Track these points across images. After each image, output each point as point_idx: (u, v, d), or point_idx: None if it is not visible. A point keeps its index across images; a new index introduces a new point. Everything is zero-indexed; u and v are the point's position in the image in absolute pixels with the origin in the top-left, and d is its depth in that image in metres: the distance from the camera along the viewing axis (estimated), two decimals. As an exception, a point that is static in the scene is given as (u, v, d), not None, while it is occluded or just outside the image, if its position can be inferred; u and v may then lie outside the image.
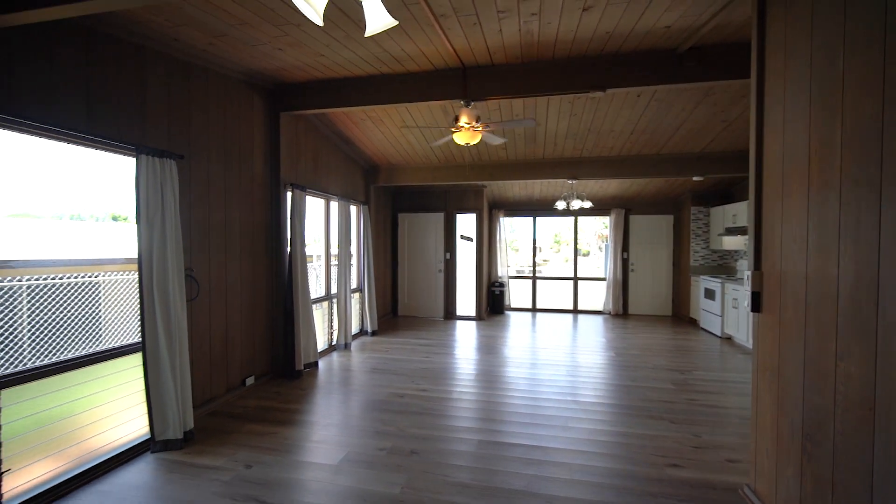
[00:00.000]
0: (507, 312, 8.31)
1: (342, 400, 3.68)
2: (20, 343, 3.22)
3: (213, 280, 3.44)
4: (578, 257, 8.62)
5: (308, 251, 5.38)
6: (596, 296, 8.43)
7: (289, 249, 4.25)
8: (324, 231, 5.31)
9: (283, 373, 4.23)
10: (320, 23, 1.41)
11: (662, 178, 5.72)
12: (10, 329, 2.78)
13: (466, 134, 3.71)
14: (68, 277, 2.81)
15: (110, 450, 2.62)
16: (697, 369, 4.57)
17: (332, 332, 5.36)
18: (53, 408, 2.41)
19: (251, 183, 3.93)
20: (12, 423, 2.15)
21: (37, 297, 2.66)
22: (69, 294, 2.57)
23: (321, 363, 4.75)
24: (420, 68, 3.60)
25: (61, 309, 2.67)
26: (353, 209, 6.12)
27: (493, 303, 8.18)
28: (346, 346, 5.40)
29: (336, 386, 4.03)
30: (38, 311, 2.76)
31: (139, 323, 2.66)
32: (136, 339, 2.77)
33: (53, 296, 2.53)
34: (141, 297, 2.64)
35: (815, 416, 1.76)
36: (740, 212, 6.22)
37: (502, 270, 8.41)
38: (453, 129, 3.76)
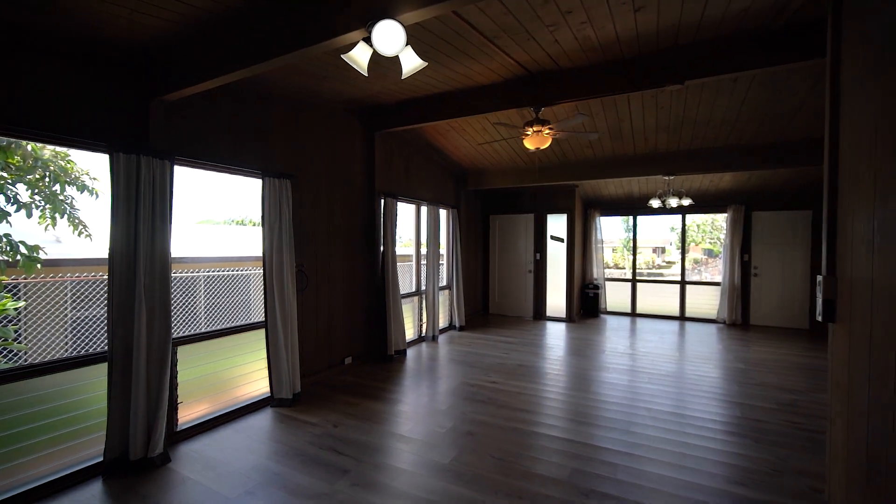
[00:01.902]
0: (602, 316, 7.96)
1: (419, 383, 4.14)
2: (197, 315, 4.35)
3: (319, 274, 4.19)
4: (703, 259, 7.81)
5: (401, 251, 6.02)
6: (707, 302, 7.55)
7: (382, 249, 4.88)
8: (414, 233, 5.89)
9: (376, 357, 4.88)
10: (365, 74, 1.81)
11: (788, 167, 4.96)
12: (192, 305, 3.84)
13: (534, 139, 3.85)
14: (229, 271, 3.79)
15: (246, 399, 3.47)
16: (814, 391, 3.92)
17: (421, 325, 5.92)
18: (212, 363, 3.32)
19: (351, 193, 4.64)
20: (185, 371, 3.05)
21: (210, 284, 3.67)
22: (229, 282, 3.49)
23: (409, 351, 5.31)
24: (490, 80, 3.85)
25: (225, 293, 3.65)
26: (443, 212, 6.61)
27: (586, 305, 7.93)
28: (434, 338, 5.89)
29: (417, 372, 4.51)
30: (211, 294, 3.79)
31: (263, 306, 3.46)
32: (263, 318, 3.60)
33: (221, 284, 3.48)
34: (265, 287, 3.44)
35: (878, 443, 1.57)
36: None
37: (597, 272, 8.09)
38: (524, 135, 3.93)
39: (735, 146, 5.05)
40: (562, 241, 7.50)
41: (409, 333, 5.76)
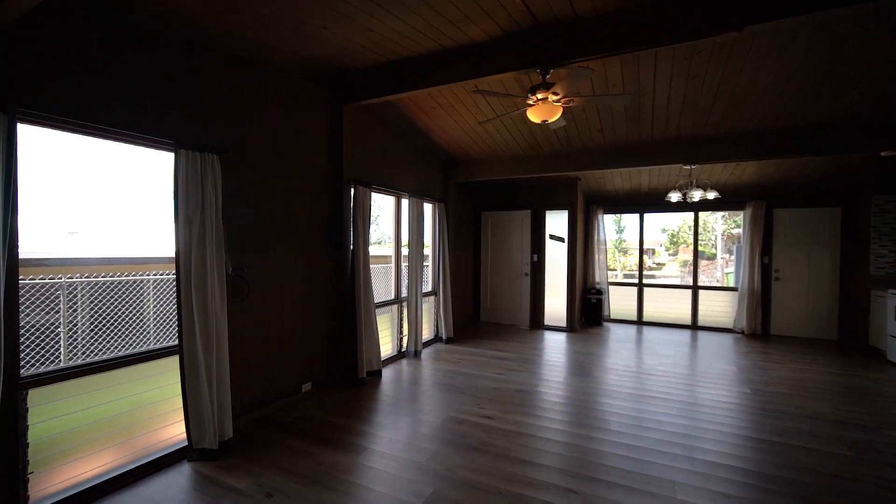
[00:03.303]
0: (606, 324, 7.18)
1: (394, 418, 3.27)
2: (75, 341, 3.24)
3: (267, 280, 3.30)
4: (700, 261, 7.08)
5: (377, 251, 5.14)
6: (721, 309, 6.82)
7: (352, 249, 4.00)
8: (394, 230, 5.01)
9: (344, 380, 4.00)
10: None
11: (826, 155, 4.22)
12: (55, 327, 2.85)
13: (541, 109, 3.01)
14: (126, 276, 2.87)
15: (154, 451, 2.56)
16: (890, 427, 3.15)
17: (401, 338, 5.04)
18: (102, 405, 2.40)
19: (312, 179, 3.75)
20: (53, 421, 2.14)
21: (96, 294, 2.73)
22: (123, 291, 2.57)
23: (386, 372, 4.43)
24: (485, 34, 3.00)
25: (120, 307, 2.72)
26: (428, 206, 5.75)
27: (588, 312, 7.14)
28: (416, 354, 5.03)
29: (393, 401, 3.64)
30: (98, 309, 2.83)
31: (178, 325, 2.55)
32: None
33: (110, 294, 2.56)
34: (179, 298, 2.53)
35: None
36: (962, 199, 4.33)
37: (601, 275, 7.31)
38: (528, 102, 3.10)
39: (772, 129, 4.28)
40: (562, 240, 6.70)
41: (387, 349, 4.89)
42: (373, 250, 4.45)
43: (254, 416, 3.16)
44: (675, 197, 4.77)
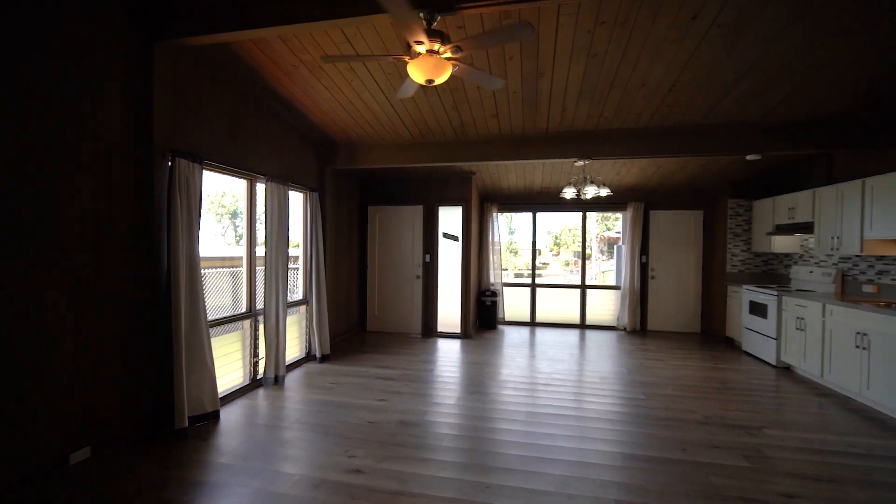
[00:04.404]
0: (501, 327, 6.88)
1: (220, 493, 2.26)
2: None
3: (12, 292, 2.03)
4: (577, 262, 7.21)
5: (216, 252, 4.01)
6: (604, 307, 7.02)
7: (168, 246, 2.83)
8: (245, 224, 3.89)
9: (155, 434, 2.81)
10: None
11: (704, 156, 4.33)
12: None
13: (425, 64, 2.31)
14: None
15: None
16: (771, 425, 3.15)
17: (255, 363, 3.94)
18: None
19: (94, 143, 2.52)
20: None
21: None
22: None
23: (229, 412, 3.32)
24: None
25: None
26: (297, 196, 4.71)
27: (483, 315, 6.76)
28: (278, 381, 3.97)
29: (228, 460, 2.60)
30: None
31: None
32: None
33: None
34: None
35: None
36: (800, 204, 4.83)
37: (495, 276, 7.00)
38: (407, 58, 2.37)
39: (659, 127, 4.24)
40: (456, 239, 6.18)
41: (233, 379, 3.76)
42: (217, 250, 3.33)
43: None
44: (569, 193, 4.55)
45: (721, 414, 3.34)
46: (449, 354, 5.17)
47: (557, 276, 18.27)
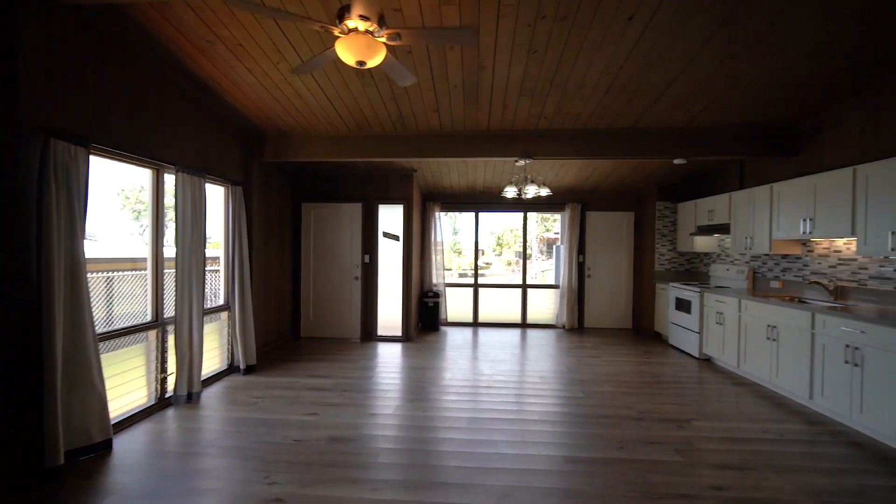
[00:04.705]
0: (444, 328, 6.76)
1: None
2: None
3: None
4: (518, 261, 7.31)
5: (105, 253, 3.53)
6: (545, 305, 7.17)
7: (43, 244, 2.33)
8: (152, 219, 3.38)
9: (16, 474, 2.30)
10: None
11: (637, 159, 4.49)
12: None
13: (357, 43, 2.09)
14: None
15: None
16: (698, 417, 3.29)
17: (163, 378, 3.44)
18: None
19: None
20: None
21: None
22: None
23: (126, 438, 2.84)
24: None
25: None
26: (217, 190, 4.24)
27: (425, 317, 6.59)
28: (192, 398, 3.51)
29: (116, 501, 2.18)
30: None
31: None
32: None
33: None
34: None
35: None
36: (719, 207, 5.19)
37: (438, 277, 6.86)
38: (336, 31, 2.12)
39: (595, 129, 4.34)
40: (397, 239, 5.96)
41: (135, 399, 3.25)
42: (133, 251, 2.83)
43: None
44: (510, 192, 4.52)
45: (654, 409, 3.44)
46: (389, 359, 4.93)
47: (500, 275, 18.62)
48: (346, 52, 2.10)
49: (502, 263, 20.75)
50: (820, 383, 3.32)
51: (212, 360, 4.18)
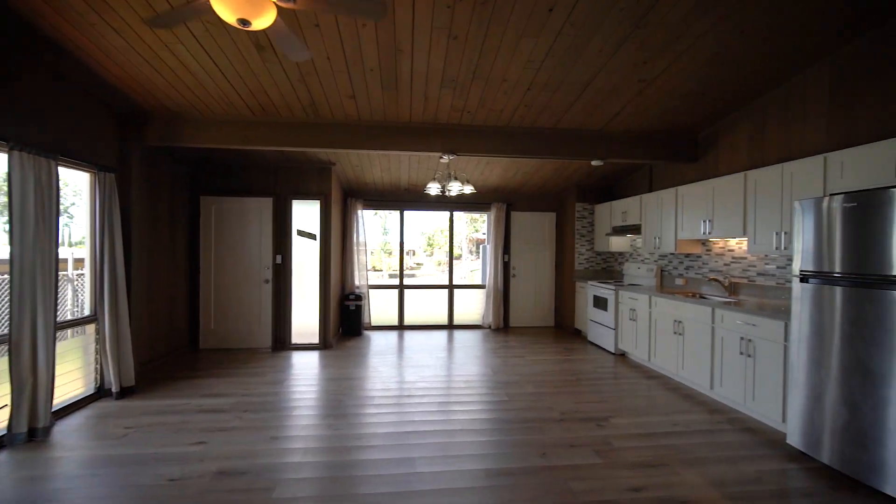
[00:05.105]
0: (367, 333, 6.39)
1: None
2: None
3: None
4: (437, 261, 7.19)
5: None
6: (473, 306, 7.11)
7: None
8: (-27, 210, 2.64)
9: None
10: None
11: (558, 159, 4.54)
12: None
13: (239, -3, 1.71)
14: None
15: None
16: (615, 413, 3.34)
17: (-8, 414, 2.70)
18: None
19: None
20: None
21: None
22: None
23: (-78, 500, 2.14)
24: None
25: None
26: (80, 178, 3.50)
27: (347, 321, 6.17)
28: (36, 435, 2.79)
29: None
30: None
31: None
32: None
33: None
34: None
35: None
36: (631, 208, 5.47)
37: (361, 279, 6.47)
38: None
39: (519, 127, 4.30)
40: (313, 237, 5.47)
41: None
42: None
43: None
44: (434, 189, 4.32)
45: (574, 408, 3.44)
46: (303, 370, 4.47)
47: (431, 276, 18.51)
48: (224, 5, 1.71)
49: (434, 264, 20.69)
50: (720, 374, 3.55)
51: (72, 383, 3.42)
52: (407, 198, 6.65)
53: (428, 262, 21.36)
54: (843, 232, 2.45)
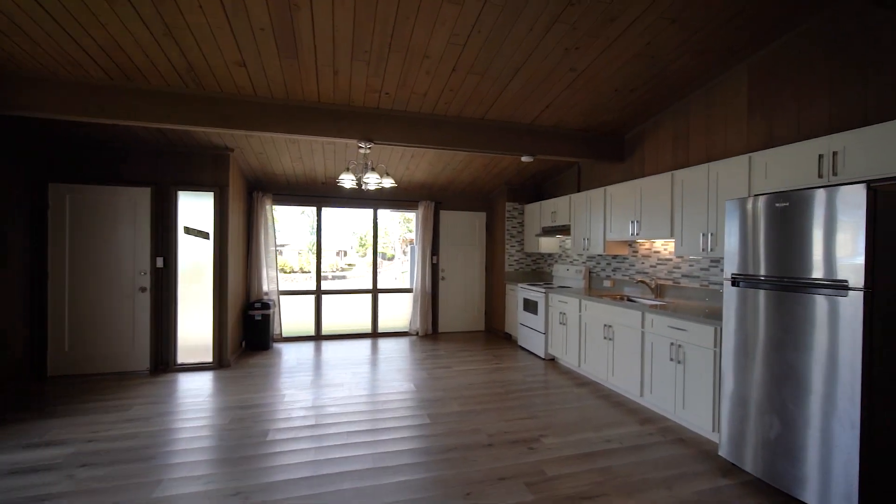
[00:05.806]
0: (277, 346, 5.59)
1: None
2: None
3: None
4: (380, 263, 6.63)
5: None
6: (401, 311, 6.61)
7: None
8: None
9: None
10: None
11: (487, 152, 4.19)
12: None
13: None
14: None
15: None
16: (547, 431, 3.03)
17: None
18: None
19: None
20: None
21: None
22: None
23: None
24: None
25: None
26: None
27: (252, 334, 5.33)
28: None
29: None
30: None
31: None
32: None
33: None
34: None
35: None
36: (561, 208, 5.32)
37: (270, 284, 5.65)
38: None
39: (443, 117, 3.88)
40: (206, 237, 4.60)
41: None
42: None
43: None
44: (347, 181, 3.74)
45: (503, 428, 3.08)
46: (189, 398, 3.65)
47: (364, 277, 17.62)
48: None
49: (366, 264, 19.76)
50: (649, 381, 3.41)
51: None
52: (325, 192, 5.96)
53: (361, 262, 20.40)
54: (768, 233, 2.33)
